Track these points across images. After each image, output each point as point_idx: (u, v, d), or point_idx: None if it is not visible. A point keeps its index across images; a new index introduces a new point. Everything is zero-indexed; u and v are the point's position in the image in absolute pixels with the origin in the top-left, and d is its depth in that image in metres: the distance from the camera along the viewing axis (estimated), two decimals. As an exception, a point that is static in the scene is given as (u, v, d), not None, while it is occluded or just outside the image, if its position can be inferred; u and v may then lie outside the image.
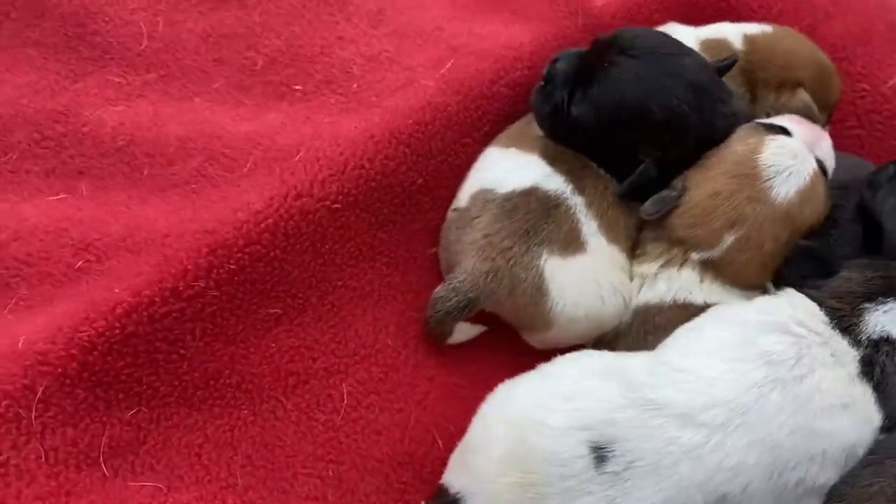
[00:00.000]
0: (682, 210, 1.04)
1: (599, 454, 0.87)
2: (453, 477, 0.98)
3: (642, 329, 1.06)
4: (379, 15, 1.33)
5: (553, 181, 1.09)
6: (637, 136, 1.05)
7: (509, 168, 1.11)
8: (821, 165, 1.03)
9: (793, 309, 0.93)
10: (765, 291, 1.05)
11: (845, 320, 0.91)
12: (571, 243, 1.07)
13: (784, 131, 1.04)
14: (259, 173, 1.07)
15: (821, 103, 1.22)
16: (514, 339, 1.15)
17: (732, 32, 1.24)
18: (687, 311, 1.02)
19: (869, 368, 0.89)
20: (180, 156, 1.10)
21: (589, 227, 1.08)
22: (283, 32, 1.29)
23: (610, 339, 1.10)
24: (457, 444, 1.03)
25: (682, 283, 1.05)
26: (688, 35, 1.23)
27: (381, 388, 1.08)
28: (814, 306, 0.93)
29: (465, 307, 1.05)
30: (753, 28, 1.25)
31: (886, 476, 0.85)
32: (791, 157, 1.00)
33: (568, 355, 1.01)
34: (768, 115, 1.15)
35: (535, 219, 1.06)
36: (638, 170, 1.06)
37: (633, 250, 1.11)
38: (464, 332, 1.12)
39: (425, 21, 1.31)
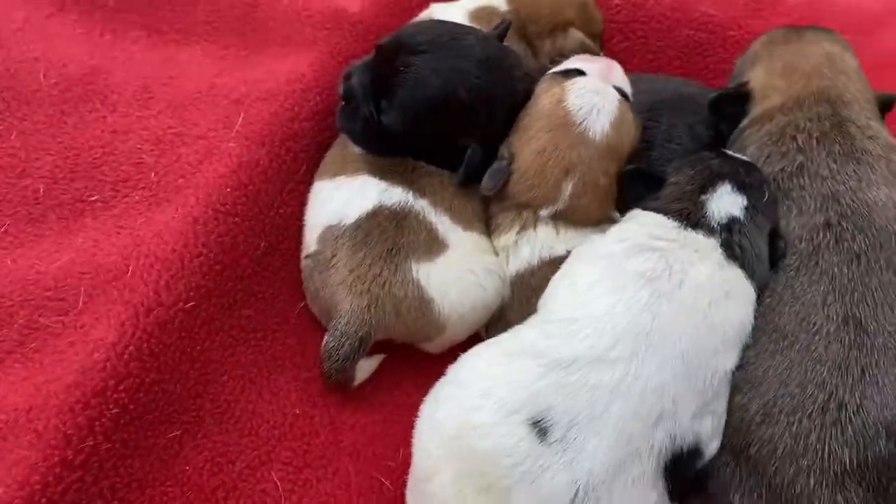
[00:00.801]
0: (517, 176, 1.08)
1: (539, 428, 0.89)
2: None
3: (523, 296, 1.10)
4: (145, 93, 1.26)
5: (393, 194, 1.09)
6: (453, 125, 1.08)
7: (346, 197, 1.10)
8: (621, 92, 1.10)
9: (643, 227, 0.99)
10: (612, 221, 1.12)
11: (693, 216, 0.99)
12: (433, 245, 1.08)
13: (579, 72, 1.09)
14: (97, 304, 0.99)
15: (591, 34, 1.31)
16: (407, 353, 1.15)
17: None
18: (556, 265, 1.06)
19: (731, 251, 0.97)
20: (2, 318, 0.99)
21: (442, 223, 1.10)
22: (51, 146, 1.20)
23: (497, 317, 1.13)
24: (403, 476, 1.03)
25: (541, 241, 1.09)
26: (457, 12, 1.26)
27: (310, 459, 1.05)
28: (660, 217, 1.00)
29: (359, 347, 1.04)
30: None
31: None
32: (594, 94, 1.06)
33: (468, 352, 1.02)
34: (553, 62, 1.21)
35: (392, 236, 1.07)
36: (466, 157, 1.08)
37: (489, 228, 1.14)
38: (365, 368, 1.11)
39: (195, 83, 1.26)
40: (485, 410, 0.91)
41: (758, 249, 0.98)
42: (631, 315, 0.92)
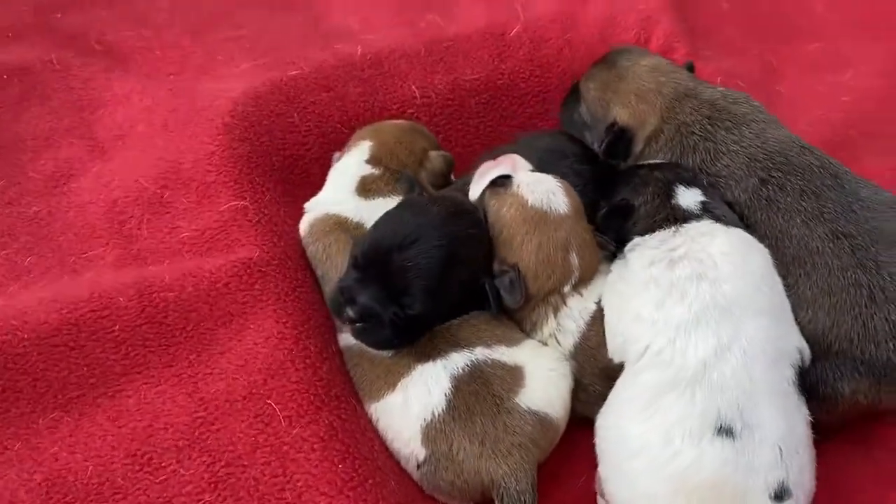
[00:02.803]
0: (530, 278, 1.22)
1: (725, 431, 1.06)
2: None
3: (589, 356, 1.25)
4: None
5: (455, 362, 1.17)
6: (467, 278, 1.19)
7: (420, 392, 1.16)
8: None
9: (656, 248, 1.20)
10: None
11: (679, 215, 1.23)
12: (515, 373, 1.18)
13: (507, 177, 1.26)
14: None
15: (436, 147, 1.47)
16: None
17: (359, 164, 1.39)
18: (597, 319, 1.24)
19: (721, 220, 1.22)
20: None
21: (504, 353, 1.20)
22: None
23: (581, 397, 1.25)
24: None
25: (576, 310, 1.25)
26: (345, 197, 1.36)
27: None
28: (657, 233, 1.22)
29: (535, 495, 1.12)
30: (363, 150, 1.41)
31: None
32: (538, 184, 1.24)
33: (603, 438, 1.15)
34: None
35: (485, 392, 1.15)
36: (488, 291, 1.20)
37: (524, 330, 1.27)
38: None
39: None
40: (683, 452, 1.06)
41: (730, 214, 1.25)
42: (708, 305, 1.13)
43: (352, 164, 1.39)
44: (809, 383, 1.17)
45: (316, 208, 1.36)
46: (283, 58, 1.72)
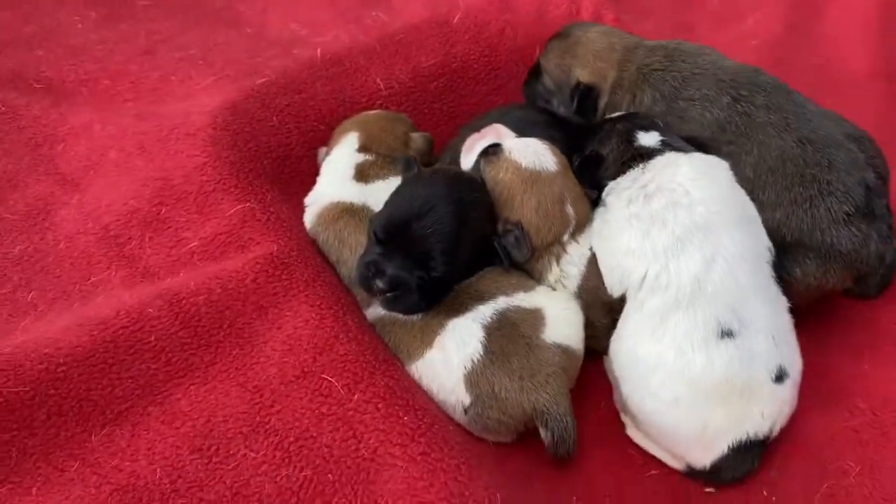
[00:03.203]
0: (533, 233, 1.36)
1: (726, 333, 1.23)
2: (700, 456, 1.26)
3: (593, 294, 1.39)
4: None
5: (483, 313, 1.29)
6: (480, 236, 1.32)
7: (457, 345, 1.27)
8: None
9: (629, 188, 1.35)
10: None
11: (645, 154, 1.37)
12: (536, 315, 1.32)
13: (496, 145, 1.39)
14: None
15: (413, 129, 1.59)
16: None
17: (350, 154, 1.48)
18: (593, 260, 1.39)
19: (681, 151, 1.37)
20: None
21: (524, 299, 1.33)
22: None
23: (588, 332, 1.38)
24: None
25: (576, 255, 1.39)
26: (348, 183, 1.45)
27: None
28: (628, 173, 1.37)
29: (571, 408, 1.26)
30: (352, 140, 1.51)
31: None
32: (526, 147, 1.38)
33: (619, 364, 1.31)
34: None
35: (516, 334, 1.28)
36: (498, 247, 1.34)
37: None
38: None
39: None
40: (695, 360, 1.23)
41: (688, 146, 1.40)
42: (688, 227, 1.28)
43: (344, 154, 1.49)
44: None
45: (318, 200, 1.46)
46: (242, 69, 1.79)
